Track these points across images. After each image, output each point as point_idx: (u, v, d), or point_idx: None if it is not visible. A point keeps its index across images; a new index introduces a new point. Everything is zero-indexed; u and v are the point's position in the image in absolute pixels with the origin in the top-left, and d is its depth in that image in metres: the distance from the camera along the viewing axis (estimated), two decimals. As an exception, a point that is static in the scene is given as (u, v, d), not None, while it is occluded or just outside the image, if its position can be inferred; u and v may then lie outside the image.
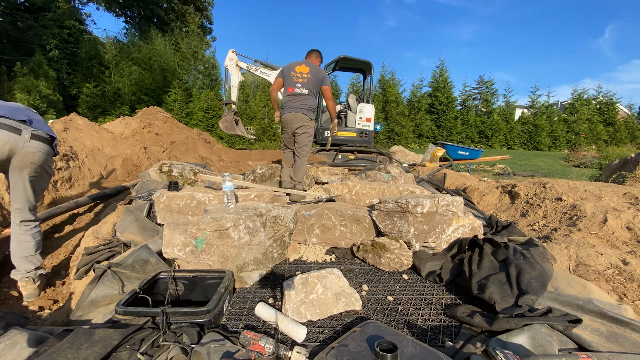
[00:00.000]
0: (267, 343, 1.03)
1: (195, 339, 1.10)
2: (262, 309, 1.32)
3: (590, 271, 1.69)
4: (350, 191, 2.68)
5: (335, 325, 1.30)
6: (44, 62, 13.30)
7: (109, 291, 1.42)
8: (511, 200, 3.20)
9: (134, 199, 2.64)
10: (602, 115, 19.69)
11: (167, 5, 20.98)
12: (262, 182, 3.03)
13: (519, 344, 1.09)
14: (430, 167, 6.08)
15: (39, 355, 0.94)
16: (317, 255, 2.04)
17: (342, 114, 7.73)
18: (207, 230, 1.60)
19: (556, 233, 2.28)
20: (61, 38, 15.16)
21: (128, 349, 1.01)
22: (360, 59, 7.47)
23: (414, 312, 1.42)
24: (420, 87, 18.95)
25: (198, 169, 3.28)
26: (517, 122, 19.10)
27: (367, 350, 1.00)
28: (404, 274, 1.81)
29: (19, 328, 1.08)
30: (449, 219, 1.99)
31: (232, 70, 6.15)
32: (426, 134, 17.95)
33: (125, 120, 7.29)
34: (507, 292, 1.39)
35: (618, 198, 2.55)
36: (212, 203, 2.21)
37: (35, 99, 11.90)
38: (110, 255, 1.79)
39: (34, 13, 15.61)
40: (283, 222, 1.82)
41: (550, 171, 7.27)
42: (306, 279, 1.43)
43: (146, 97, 14.63)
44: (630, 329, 1.16)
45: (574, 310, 1.28)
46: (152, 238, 2.01)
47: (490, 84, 19.18)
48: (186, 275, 1.52)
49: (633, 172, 4.09)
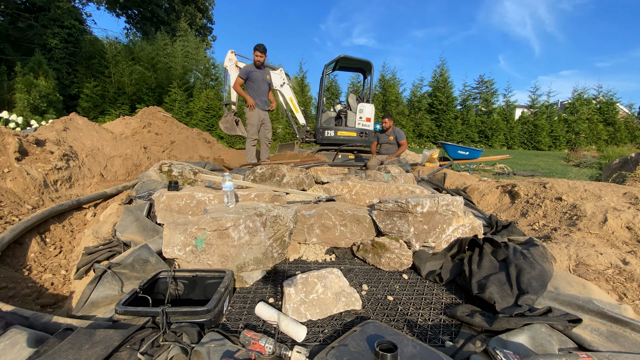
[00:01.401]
0: (267, 343, 1.03)
1: (196, 339, 1.10)
2: (262, 308, 1.32)
3: (590, 271, 1.69)
4: (350, 191, 2.68)
5: (335, 325, 1.30)
6: (44, 61, 13.28)
7: (109, 292, 1.42)
8: (511, 200, 3.20)
9: (134, 198, 2.64)
10: (602, 114, 19.68)
11: (167, 5, 20.97)
12: (262, 182, 3.03)
13: (519, 343, 1.09)
14: (431, 167, 6.08)
15: (39, 356, 0.94)
16: (317, 255, 2.04)
17: (342, 114, 7.72)
18: (207, 230, 1.60)
19: (556, 233, 2.28)
20: (61, 38, 15.14)
21: (128, 349, 1.02)
22: (360, 59, 7.47)
23: (414, 312, 1.42)
24: (420, 87, 18.97)
25: (198, 168, 3.28)
26: (517, 121, 19.09)
27: (367, 350, 1.00)
28: (404, 274, 1.81)
29: (20, 327, 1.08)
30: (449, 218, 2.00)
31: (232, 71, 6.16)
32: (426, 134, 17.94)
33: (125, 120, 7.28)
34: (507, 292, 1.39)
35: (618, 198, 2.55)
36: (212, 203, 2.21)
37: (35, 98, 11.89)
38: (110, 255, 1.79)
39: (34, 13, 15.60)
40: (283, 221, 1.82)
41: (550, 171, 7.27)
42: (306, 278, 1.43)
43: (146, 97, 14.61)
44: (630, 329, 1.16)
45: (574, 310, 1.28)
46: (152, 238, 2.01)
47: (490, 84, 19.18)
48: (186, 275, 1.52)
49: (633, 171, 4.09)
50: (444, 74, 18.42)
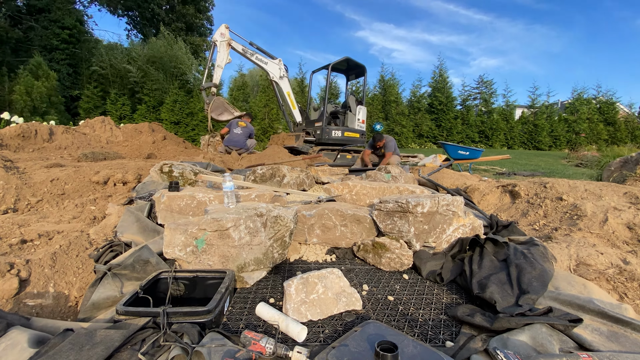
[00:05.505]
0: (268, 343, 1.03)
1: (196, 339, 1.10)
2: (262, 308, 1.32)
3: (590, 270, 1.69)
4: (350, 191, 2.68)
5: (336, 325, 1.30)
6: (44, 63, 13.30)
7: (110, 293, 1.42)
8: (512, 199, 3.20)
9: (135, 199, 2.65)
10: (603, 114, 19.65)
11: (167, 6, 21.01)
12: (263, 183, 3.03)
13: (519, 343, 1.09)
14: (431, 167, 6.08)
15: (40, 356, 0.94)
16: (318, 255, 2.04)
17: (339, 114, 7.71)
18: (208, 230, 1.60)
19: (557, 232, 2.28)
20: (62, 39, 15.18)
21: (129, 349, 1.02)
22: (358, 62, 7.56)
23: (415, 312, 1.42)
24: (419, 87, 18.97)
25: (199, 169, 3.29)
26: (517, 121, 19.08)
27: (367, 350, 1.00)
28: (404, 274, 1.81)
29: (21, 328, 1.08)
30: (450, 218, 2.00)
31: (221, 48, 5.44)
32: (426, 134, 17.93)
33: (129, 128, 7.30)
34: (507, 292, 1.39)
35: (618, 197, 2.54)
36: (212, 203, 2.21)
37: (36, 99, 11.91)
38: (113, 255, 1.79)
39: (35, 15, 15.64)
40: (283, 222, 1.82)
41: (551, 171, 7.26)
42: (307, 279, 1.43)
43: (147, 98, 14.63)
44: (631, 329, 1.16)
45: (574, 310, 1.28)
46: (153, 238, 2.01)
47: (490, 84, 19.17)
48: (187, 275, 1.52)
49: (633, 171, 4.09)
50: (443, 74, 18.43)
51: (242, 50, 6.22)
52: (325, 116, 7.26)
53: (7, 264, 1.51)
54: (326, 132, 7.05)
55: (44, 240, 1.93)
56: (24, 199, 2.61)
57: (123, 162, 4.26)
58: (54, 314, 1.48)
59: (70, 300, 1.57)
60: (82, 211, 2.51)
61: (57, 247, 1.76)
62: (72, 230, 2.09)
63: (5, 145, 5.06)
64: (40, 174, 3.21)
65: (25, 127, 5.49)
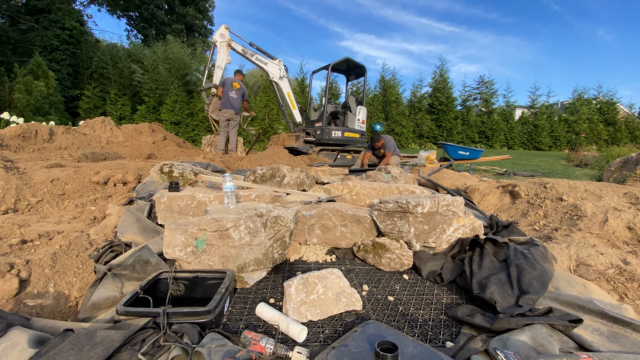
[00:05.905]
0: (268, 343, 1.03)
1: (196, 339, 1.10)
2: (262, 309, 1.32)
3: (590, 271, 1.69)
4: (350, 191, 2.68)
5: (336, 325, 1.30)
6: (43, 63, 13.30)
7: (110, 293, 1.43)
8: (512, 200, 3.20)
9: (135, 199, 2.64)
10: (603, 114, 19.66)
11: (167, 7, 21.01)
12: (263, 183, 3.03)
13: (519, 343, 1.09)
14: (431, 167, 6.08)
15: (40, 357, 0.94)
16: (318, 255, 2.04)
17: (339, 114, 7.71)
18: (208, 230, 1.60)
19: (557, 233, 2.28)
20: (62, 39, 15.18)
21: (129, 350, 1.02)
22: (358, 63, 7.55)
23: (415, 312, 1.42)
24: (420, 87, 18.98)
25: (199, 169, 3.29)
26: (517, 122, 19.09)
27: (367, 350, 1.00)
28: (404, 274, 1.81)
29: (21, 328, 1.08)
30: (450, 219, 1.99)
31: (221, 48, 5.57)
32: (426, 134, 17.94)
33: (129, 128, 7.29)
34: (507, 292, 1.39)
35: (619, 198, 2.54)
36: (212, 203, 2.21)
37: (37, 99, 11.90)
38: (113, 255, 1.79)
39: (35, 15, 15.64)
40: (283, 222, 1.82)
41: (551, 171, 7.26)
42: (307, 279, 1.43)
43: (147, 98, 14.63)
44: (631, 329, 1.16)
45: (574, 310, 1.28)
46: (153, 238, 2.01)
47: (490, 84, 19.18)
48: (187, 276, 1.52)
49: (633, 171, 4.09)
50: (444, 74, 18.44)
51: (242, 51, 6.25)
52: (325, 116, 7.26)
53: (7, 264, 1.51)
54: (326, 132, 7.04)
55: (44, 240, 1.92)
56: (24, 199, 2.61)
57: (123, 162, 4.26)
58: (54, 314, 1.48)
59: (71, 300, 1.57)
60: (82, 211, 2.51)
61: (57, 248, 1.76)
62: (72, 230, 2.09)
63: (5, 145, 5.06)
64: (40, 174, 3.21)
65: (26, 127, 5.50)
